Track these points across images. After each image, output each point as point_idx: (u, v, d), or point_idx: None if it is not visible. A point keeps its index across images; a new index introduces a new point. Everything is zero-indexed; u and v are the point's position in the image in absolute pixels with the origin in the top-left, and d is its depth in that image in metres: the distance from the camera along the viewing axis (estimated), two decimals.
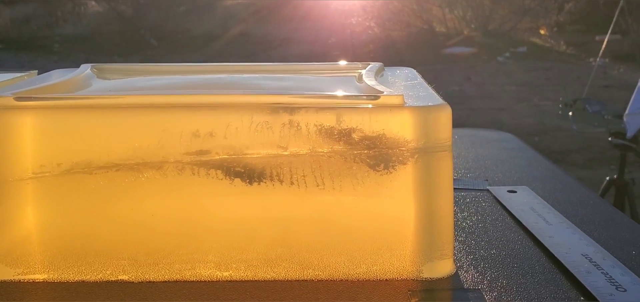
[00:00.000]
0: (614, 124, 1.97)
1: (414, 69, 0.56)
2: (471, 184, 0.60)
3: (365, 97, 0.41)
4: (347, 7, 7.39)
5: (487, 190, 0.58)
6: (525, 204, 0.54)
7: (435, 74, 4.96)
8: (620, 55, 5.54)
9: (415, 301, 0.38)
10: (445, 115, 0.40)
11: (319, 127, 0.41)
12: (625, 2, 2.36)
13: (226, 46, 6.52)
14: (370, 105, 0.41)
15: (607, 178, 1.94)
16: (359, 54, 5.94)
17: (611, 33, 2.85)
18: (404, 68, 0.56)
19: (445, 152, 0.40)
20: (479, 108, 4.29)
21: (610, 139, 1.88)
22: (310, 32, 6.87)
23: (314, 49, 6.13)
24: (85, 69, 0.53)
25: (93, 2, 7.70)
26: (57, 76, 0.52)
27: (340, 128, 0.41)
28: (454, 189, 0.59)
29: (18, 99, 0.41)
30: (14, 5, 7.46)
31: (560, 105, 2.29)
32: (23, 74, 0.52)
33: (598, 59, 3.00)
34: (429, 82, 0.49)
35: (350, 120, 0.40)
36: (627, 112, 1.85)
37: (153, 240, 0.42)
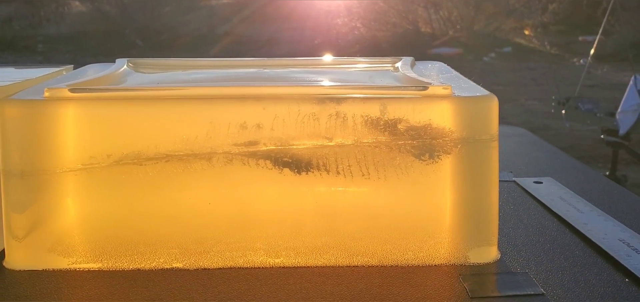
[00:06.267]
0: (606, 121, 2.01)
1: None
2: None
3: (413, 87, 0.42)
4: (332, 7, 7.40)
5: (514, 181, 0.59)
6: (553, 194, 0.55)
7: None
8: (603, 56, 5.61)
9: (468, 285, 0.39)
10: (493, 106, 0.42)
11: (365, 118, 0.42)
12: (617, 2, 2.40)
13: (212, 46, 6.49)
14: (417, 96, 0.42)
15: None
16: (345, 54, 5.95)
17: (592, 34, 2.90)
18: (434, 62, 0.58)
19: (493, 141, 0.42)
20: None
21: (603, 136, 1.91)
22: (294, 33, 6.86)
23: (300, 50, 6.12)
24: (122, 63, 0.53)
25: (77, 2, 7.63)
26: (95, 70, 0.52)
27: (385, 119, 0.42)
28: None
29: (73, 90, 0.41)
30: None
31: (552, 104, 2.32)
32: (61, 68, 0.53)
33: (589, 58, 3.04)
34: None
35: (395, 111, 0.41)
36: (619, 110, 1.89)
37: (202, 229, 0.42)
